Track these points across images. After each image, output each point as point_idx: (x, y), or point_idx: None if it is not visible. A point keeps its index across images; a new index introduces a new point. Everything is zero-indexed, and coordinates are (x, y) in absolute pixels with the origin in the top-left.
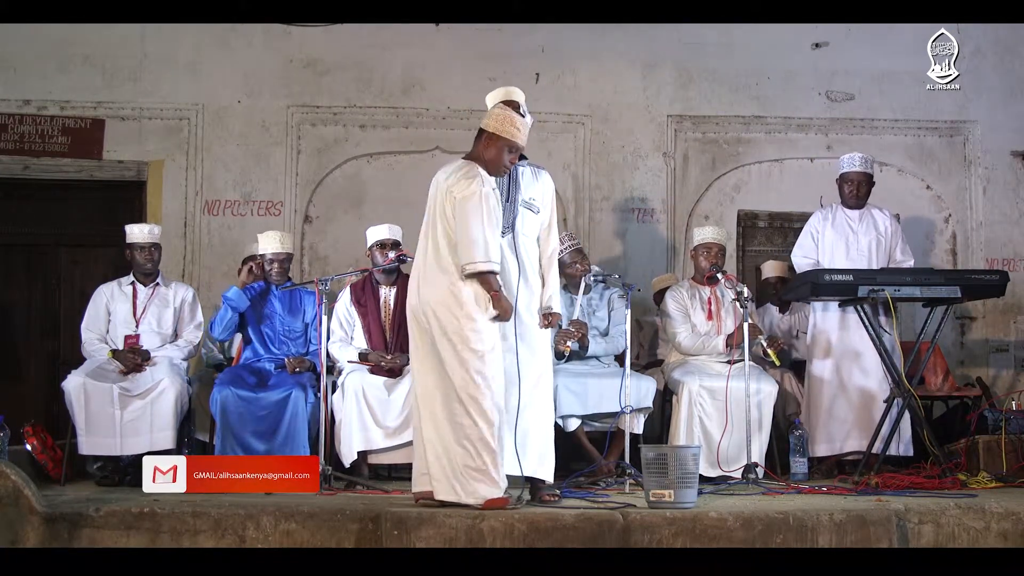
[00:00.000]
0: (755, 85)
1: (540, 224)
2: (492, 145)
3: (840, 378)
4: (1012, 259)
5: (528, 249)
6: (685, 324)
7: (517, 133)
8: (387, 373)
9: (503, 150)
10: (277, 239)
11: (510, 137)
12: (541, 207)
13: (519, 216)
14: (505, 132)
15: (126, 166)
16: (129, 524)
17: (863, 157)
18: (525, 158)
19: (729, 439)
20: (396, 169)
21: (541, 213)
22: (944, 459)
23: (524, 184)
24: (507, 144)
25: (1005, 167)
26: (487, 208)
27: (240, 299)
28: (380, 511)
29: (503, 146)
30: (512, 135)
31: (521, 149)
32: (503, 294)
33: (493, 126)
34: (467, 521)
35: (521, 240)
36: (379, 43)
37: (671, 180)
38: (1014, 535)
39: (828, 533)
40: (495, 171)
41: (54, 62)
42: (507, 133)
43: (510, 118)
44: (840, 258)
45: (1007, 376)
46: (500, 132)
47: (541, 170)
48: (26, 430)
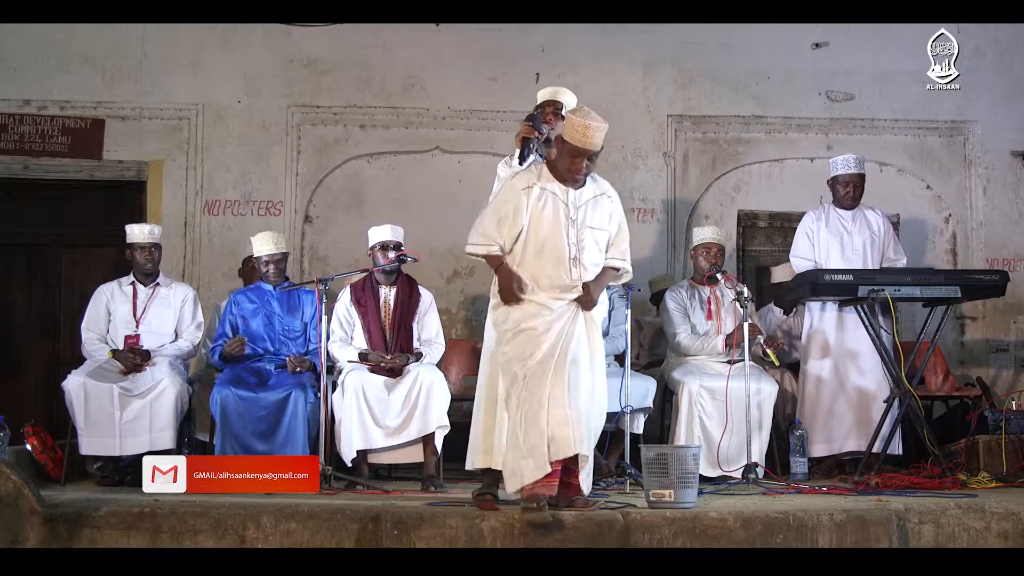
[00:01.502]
0: (755, 85)
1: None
2: (558, 149)
3: (838, 378)
4: (1012, 259)
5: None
6: (685, 324)
7: (575, 135)
8: (387, 373)
9: (564, 154)
10: (271, 240)
11: (572, 141)
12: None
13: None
14: (567, 136)
15: (126, 166)
16: (129, 524)
17: (856, 158)
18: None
19: (729, 439)
20: (396, 169)
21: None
22: (944, 459)
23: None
24: (570, 149)
25: (1005, 167)
26: (503, 196)
27: (225, 368)
28: (380, 511)
29: (566, 151)
30: (571, 138)
31: (588, 154)
32: (506, 271)
33: (562, 130)
34: (467, 521)
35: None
36: (379, 43)
37: (671, 180)
38: (1014, 535)
39: (828, 533)
40: (561, 177)
41: (54, 62)
42: (568, 137)
43: (572, 122)
44: (836, 258)
45: (1007, 376)
46: (564, 136)
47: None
48: (26, 430)
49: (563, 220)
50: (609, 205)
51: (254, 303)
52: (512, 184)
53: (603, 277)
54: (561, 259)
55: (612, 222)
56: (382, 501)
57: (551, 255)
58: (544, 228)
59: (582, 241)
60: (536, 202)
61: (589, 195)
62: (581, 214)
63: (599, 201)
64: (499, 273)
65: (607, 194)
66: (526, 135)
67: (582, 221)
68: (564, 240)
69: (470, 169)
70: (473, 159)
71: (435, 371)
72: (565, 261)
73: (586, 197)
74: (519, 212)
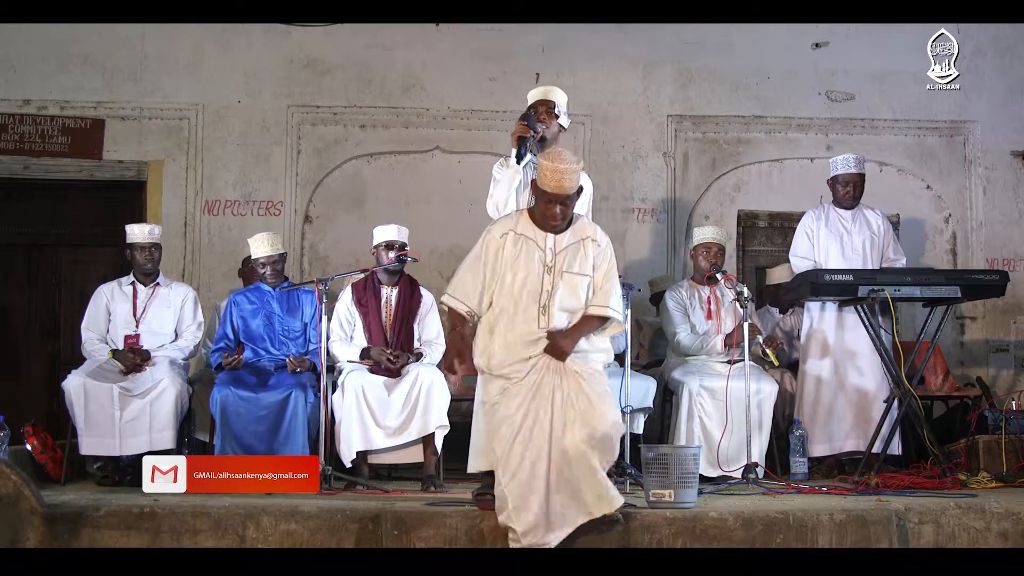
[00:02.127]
0: (755, 85)
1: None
2: (534, 194)
3: (838, 378)
4: (1012, 259)
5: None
6: (685, 324)
7: (545, 180)
8: (387, 373)
9: (538, 199)
10: (267, 242)
11: (543, 187)
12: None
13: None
14: (539, 181)
15: (126, 166)
16: (129, 524)
17: (857, 158)
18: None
19: (729, 439)
20: (396, 169)
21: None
22: (944, 459)
23: None
24: (543, 195)
25: (1005, 167)
26: (480, 250)
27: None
28: (380, 511)
29: (540, 197)
30: (541, 183)
31: (560, 199)
32: (456, 338)
33: (537, 175)
34: (467, 521)
35: None
36: (379, 43)
37: (671, 180)
38: (1014, 535)
39: (828, 533)
40: (539, 223)
41: (54, 62)
42: (540, 182)
43: (542, 166)
44: (835, 258)
45: (1007, 376)
46: (537, 182)
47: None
48: (26, 430)
49: (539, 267)
50: (594, 249)
51: (254, 303)
52: (491, 233)
53: (581, 326)
54: (529, 309)
55: (598, 268)
56: (382, 501)
57: (523, 304)
58: (519, 276)
59: (556, 288)
60: (512, 248)
61: (571, 240)
62: (560, 260)
63: (583, 246)
64: (450, 339)
65: (593, 238)
66: (521, 134)
67: (560, 267)
68: (538, 287)
69: (470, 169)
70: (473, 159)
71: (435, 371)
72: (534, 311)
73: (567, 242)
74: (495, 268)
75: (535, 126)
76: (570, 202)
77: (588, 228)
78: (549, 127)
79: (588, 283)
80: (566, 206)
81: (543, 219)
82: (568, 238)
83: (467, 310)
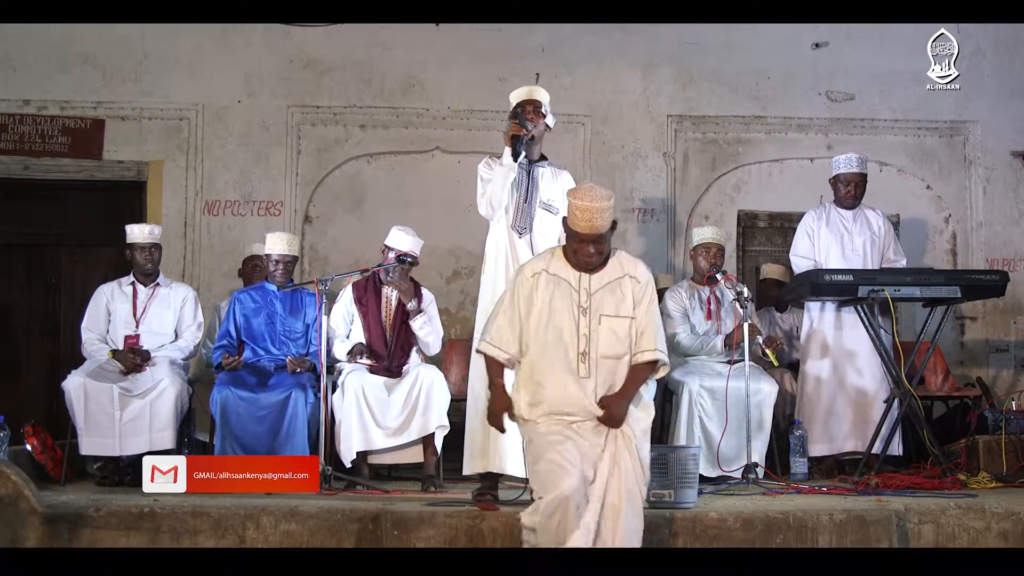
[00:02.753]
0: (755, 85)
1: (559, 225)
2: (565, 233)
3: (838, 378)
4: (1012, 259)
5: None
6: (684, 324)
7: (575, 220)
8: (387, 373)
9: (570, 239)
10: (284, 241)
11: (574, 227)
12: (560, 207)
13: (536, 217)
14: (570, 221)
15: (126, 166)
16: (129, 524)
17: (859, 158)
18: (546, 158)
19: (729, 439)
20: (396, 169)
21: (559, 213)
22: (944, 459)
23: (543, 185)
24: (573, 235)
25: (1005, 167)
26: (512, 292)
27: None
28: (380, 511)
29: (571, 237)
30: (572, 222)
31: (592, 238)
32: (500, 392)
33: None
34: (467, 521)
35: (539, 241)
36: (379, 43)
37: (671, 180)
38: (1014, 535)
39: (828, 533)
40: (573, 262)
41: (54, 62)
42: (571, 222)
43: (572, 205)
44: (836, 258)
45: (1007, 376)
46: (568, 221)
47: (561, 171)
48: (26, 430)
49: (574, 309)
50: (633, 287)
51: (257, 303)
52: (522, 273)
53: (632, 383)
54: (568, 354)
55: (638, 305)
56: (382, 501)
57: (558, 350)
58: (555, 320)
59: (594, 332)
60: (544, 290)
61: (607, 279)
62: (596, 301)
63: (621, 284)
64: (493, 391)
65: (631, 275)
66: (515, 133)
67: (596, 309)
68: (573, 332)
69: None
70: (473, 159)
71: (435, 371)
72: (573, 357)
73: (603, 281)
74: (530, 309)
75: (526, 124)
76: (604, 239)
77: (627, 263)
78: (536, 126)
79: (630, 325)
80: (600, 244)
81: (577, 259)
82: (604, 276)
83: (507, 357)
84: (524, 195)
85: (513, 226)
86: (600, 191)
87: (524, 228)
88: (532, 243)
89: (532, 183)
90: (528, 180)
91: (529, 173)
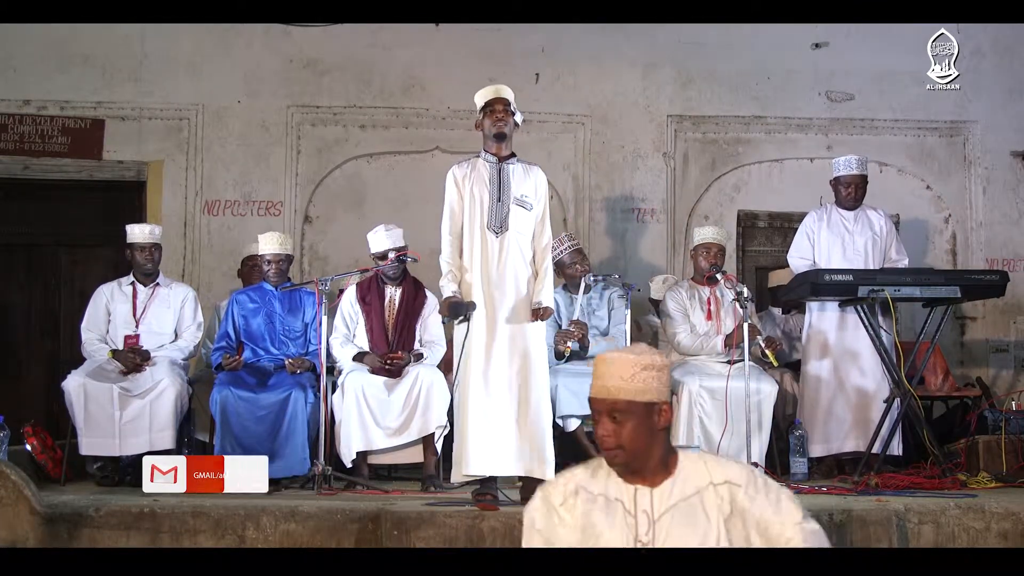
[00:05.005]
0: (755, 85)
1: (534, 220)
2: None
3: (838, 378)
4: (1012, 259)
5: (522, 246)
6: (684, 324)
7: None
8: (387, 373)
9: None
10: (277, 241)
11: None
12: (534, 203)
13: (512, 214)
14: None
15: (126, 166)
16: (129, 524)
17: (859, 159)
18: (515, 155)
19: (729, 439)
20: (396, 169)
21: (534, 209)
22: (944, 459)
23: (515, 182)
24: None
25: (1005, 167)
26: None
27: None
28: (380, 511)
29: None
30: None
31: (605, 408)
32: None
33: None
34: (467, 521)
35: (514, 238)
36: (379, 43)
37: (671, 180)
38: (1014, 535)
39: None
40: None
41: (54, 62)
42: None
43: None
44: (837, 258)
45: (1007, 376)
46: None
47: (532, 166)
48: (26, 430)
49: (630, 541)
50: (729, 496)
51: (255, 303)
52: (547, 499)
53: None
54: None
55: (746, 515)
56: (382, 501)
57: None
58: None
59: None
60: (582, 513)
61: (680, 494)
62: (663, 531)
63: (703, 501)
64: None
65: (729, 480)
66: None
67: (665, 541)
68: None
69: None
70: None
71: (435, 371)
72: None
73: (673, 498)
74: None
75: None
76: (630, 418)
77: (713, 466)
78: (507, 123)
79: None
80: (619, 424)
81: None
82: (674, 490)
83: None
84: (497, 193)
85: (488, 226)
86: (644, 352)
87: (500, 227)
88: (509, 242)
89: (503, 181)
90: (499, 178)
91: (500, 171)
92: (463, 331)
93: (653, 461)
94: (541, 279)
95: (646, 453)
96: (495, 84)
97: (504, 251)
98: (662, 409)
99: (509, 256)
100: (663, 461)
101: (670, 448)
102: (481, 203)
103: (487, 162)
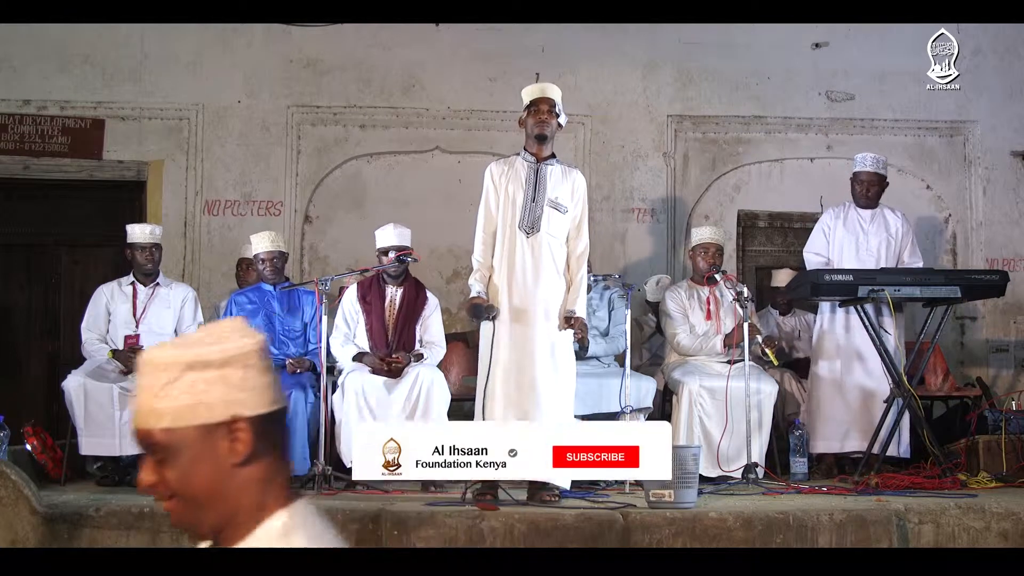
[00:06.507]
0: (755, 85)
1: (569, 224)
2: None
3: (843, 378)
4: (1012, 259)
5: (554, 249)
6: (684, 324)
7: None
8: (387, 373)
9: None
10: (268, 238)
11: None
12: (569, 206)
13: (544, 216)
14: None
15: (126, 166)
16: (129, 524)
17: (875, 158)
18: (555, 156)
19: (729, 439)
20: (396, 169)
21: (569, 212)
22: (944, 459)
23: (551, 184)
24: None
25: (1005, 167)
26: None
27: None
28: (380, 511)
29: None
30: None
31: None
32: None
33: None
34: (467, 521)
35: (546, 240)
36: (379, 43)
37: (671, 180)
38: (1014, 535)
39: (828, 533)
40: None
41: (54, 62)
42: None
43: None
44: (849, 257)
45: (1007, 376)
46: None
47: (572, 169)
48: (26, 430)
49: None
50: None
51: (254, 303)
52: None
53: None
54: None
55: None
56: (382, 501)
57: None
58: None
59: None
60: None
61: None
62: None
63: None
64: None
65: None
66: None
67: None
68: None
69: (470, 169)
70: (473, 159)
71: (435, 371)
72: None
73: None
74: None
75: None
76: (178, 454)
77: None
78: (549, 125)
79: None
80: (165, 464)
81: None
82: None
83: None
84: (532, 194)
85: (520, 226)
86: (191, 338)
87: (531, 228)
88: (540, 244)
89: (540, 182)
90: (536, 178)
91: (537, 172)
92: (488, 334)
93: (234, 515)
94: (575, 288)
95: (214, 504)
96: (543, 82)
97: (535, 253)
98: (235, 430)
99: (540, 258)
100: (254, 514)
101: (275, 491)
102: (515, 202)
103: (525, 161)
